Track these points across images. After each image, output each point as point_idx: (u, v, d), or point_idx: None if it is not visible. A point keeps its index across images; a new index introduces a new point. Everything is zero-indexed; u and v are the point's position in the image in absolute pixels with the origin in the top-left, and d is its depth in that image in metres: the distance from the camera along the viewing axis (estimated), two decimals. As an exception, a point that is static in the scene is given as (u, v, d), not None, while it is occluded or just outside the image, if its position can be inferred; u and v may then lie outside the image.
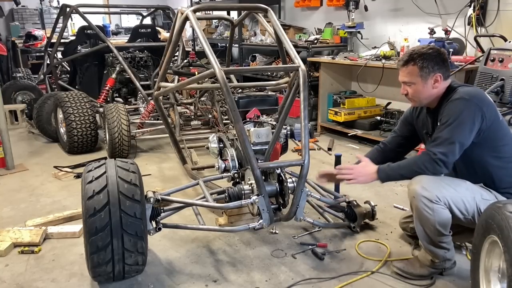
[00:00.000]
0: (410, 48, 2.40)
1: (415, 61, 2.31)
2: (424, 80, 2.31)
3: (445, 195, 2.22)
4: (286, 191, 2.53)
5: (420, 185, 2.25)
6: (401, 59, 2.40)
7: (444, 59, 2.33)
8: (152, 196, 2.45)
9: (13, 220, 3.24)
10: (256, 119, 2.90)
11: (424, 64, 2.29)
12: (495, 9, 4.20)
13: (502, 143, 2.30)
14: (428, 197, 2.22)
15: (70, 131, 4.55)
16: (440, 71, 2.31)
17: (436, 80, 2.31)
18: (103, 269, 2.21)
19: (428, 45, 2.40)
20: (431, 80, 2.31)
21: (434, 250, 2.33)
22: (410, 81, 2.35)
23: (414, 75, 2.32)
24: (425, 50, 2.31)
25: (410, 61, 2.33)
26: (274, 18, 2.88)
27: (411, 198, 2.33)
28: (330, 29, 5.81)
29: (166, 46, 3.62)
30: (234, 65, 7.17)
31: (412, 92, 2.37)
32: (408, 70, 2.34)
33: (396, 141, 2.71)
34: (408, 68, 2.34)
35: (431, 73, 2.30)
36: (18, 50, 8.50)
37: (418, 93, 2.36)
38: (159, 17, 9.67)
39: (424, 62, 2.29)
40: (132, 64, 5.52)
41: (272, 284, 2.42)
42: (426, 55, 2.30)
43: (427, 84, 2.32)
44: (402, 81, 2.40)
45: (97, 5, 7.35)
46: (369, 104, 5.37)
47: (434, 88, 2.33)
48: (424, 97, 2.36)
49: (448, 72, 2.35)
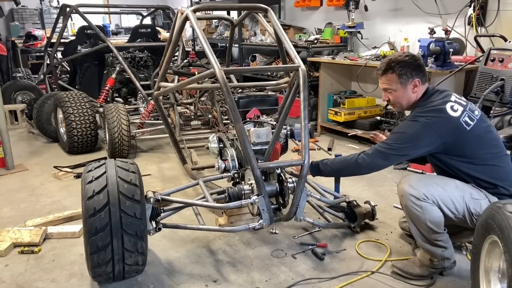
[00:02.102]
0: (386, 57, 2.53)
1: (394, 69, 2.41)
2: (404, 86, 2.41)
3: (432, 193, 2.26)
4: (286, 191, 2.53)
5: (408, 184, 2.31)
6: (380, 68, 2.50)
7: (420, 65, 2.44)
8: (152, 196, 2.45)
9: (13, 220, 3.24)
10: (256, 119, 2.90)
11: (402, 71, 2.39)
12: (495, 9, 4.20)
13: (475, 151, 2.32)
14: (415, 195, 2.26)
15: (70, 131, 4.55)
16: (417, 76, 2.40)
17: (415, 85, 2.41)
18: (103, 269, 2.21)
19: (403, 53, 2.53)
20: (410, 86, 2.41)
21: (431, 249, 2.34)
22: (390, 88, 2.46)
23: (394, 82, 2.43)
24: (401, 58, 2.41)
25: (388, 69, 2.43)
26: (274, 18, 2.88)
27: (400, 197, 2.38)
28: (330, 29, 5.80)
29: (166, 46, 3.62)
30: (234, 65, 7.17)
31: (393, 98, 2.49)
32: (388, 78, 2.45)
33: None
34: (387, 76, 2.45)
35: (409, 79, 2.39)
36: (18, 50, 8.50)
37: (399, 98, 2.46)
38: (159, 17, 9.67)
39: (402, 69, 2.39)
40: (132, 64, 5.52)
41: (272, 284, 2.42)
42: (403, 62, 2.40)
43: (407, 89, 2.42)
44: (383, 88, 2.51)
45: (97, 5, 7.36)
46: (369, 104, 5.37)
47: (414, 93, 2.43)
48: (405, 102, 2.47)
49: (425, 77, 2.46)
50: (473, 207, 2.26)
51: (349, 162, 2.49)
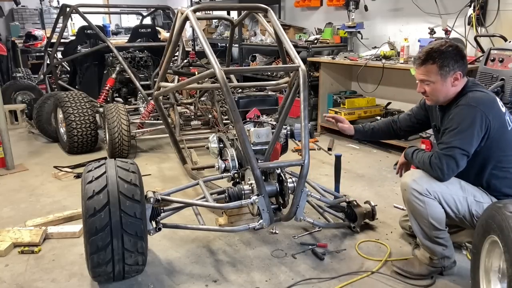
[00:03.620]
0: (427, 46, 2.32)
1: (435, 59, 2.24)
2: (444, 78, 2.25)
3: (435, 190, 2.24)
4: (286, 191, 2.53)
5: (411, 178, 2.29)
6: (418, 57, 2.32)
7: (463, 56, 2.28)
8: (152, 196, 2.45)
9: (13, 220, 3.24)
10: (256, 119, 2.90)
11: (444, 62, 2.23)
12: (495, 9, 4.20)
13: (505, 154, 2.28)
14: (418, 189, 2.25)
15: (70, 131, 4.55)
16: (460, 69, 2.25)
17: (456, 78, 2.26)
18: (103, 269, 2.21)
19: (446, 42, 2.33)
20: (450, 79, 2.25)
21: (431, 246, 2.34)
22: (428, 80, 2.29)
23: (433, 74, 2.26)
24: (444, 48, 2.25)
25: (429, 59, 2.26)
26: (274, 18, 2.88)
27: (402, 191, 2.37)
28: (330, 29, 5.80)
29: (166, 46, 3.62)
30: (234, 65, 7.17)
31: (430, 91, 2.32)
32: (427, 69, 2.27)
33: (408, 122, 2.75)
34: (427, 66, 2.27)
35: (451, 72, 2.24)
36: (18, 50, 8.50)
37: (436, 91, 2.30)
38: (159, 17, 9.65)
39: (444, 60, 2.23)
40: (132, 64, 5.52)
41: (272, 284, 2.42)
42: (446, 53, 2.23)
43: (447, 82, 2.26)
44: (420, 80, 2.34)
45: (97, 5, 7.35)
46: (369, 104, 5.37)
47: (453, 86, 2.28)
48: (442, 95, 2.32)
49: (466, 69, 2.30)
50: (475, 209, 2.25)
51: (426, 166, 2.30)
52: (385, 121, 2.90)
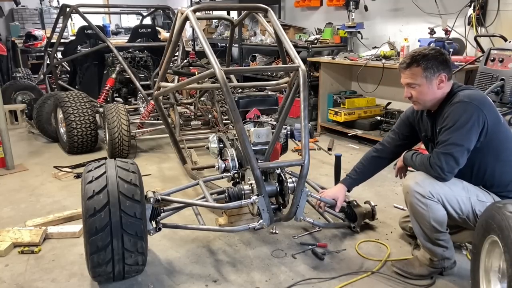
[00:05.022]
0: (411, 50, 2.37)
1: (419, 62, 2.27)
2: (429, 81, 2.28)
3: (438, 192, 2.23)
4: (286, 191, 2.53)
5: (414, 181, 2.28)
6: (403, 62, 2.35)
7: (446, 59, 2.31)
8: (152, 196, 2.45)
9: (13, 220, 3.24)
10: (256, 119, 2.90)
11: (428, 65, 2.26)
12: (495, 9, 4.20)
13: (504, 146, 2.29)
14: (421, 192, 2.24)
15: (70, 131, 4.55)
16: (444, 71, 2.28)
17: (441, 80, 2.28)
18: (103, 269, 2.21)
19: (428, 46, 2.38)
20: (436, 81, 2.28)
21: (432, 248, 2.34)
22: (414, 83, 2.31)
23: (419, 77, 2.29)
24: (427, 51, 2.29)
25: (413, 62, 2.29)
26: (274, 18, 2.88)
27: (405, 194, 2.35)
28: (330, 29, 5.81)
29: (166, 46, 3.62)
30: (234, 65, 7.17)
31: (416, 94, 2.33)
32: (412, 72, 2.30)
33: (396, 141, 2.68)
34: (411, 69, 2.30)
35: (435, 73, 2.27)
36: (18, 50, 8.50)
37: (423, 94, 2.31)
38: (159, 17, 9.66)
39: (428, 62, 2.26)
40: (132, 64, 5.52)
41: (272, 284, 2.42)
42: (429, 56, 2.27)
43: (432, 85, 2.28)
44: (406, 83, 2.36)
45: (97, 5, 7.35)
46: (369, 104, 5.37)
47: (439, 89, 2.30)
48: (429, 98, 2.32)
49: (451, 72, 2.33)
50: (478, 209, 2.24)
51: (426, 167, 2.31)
52: (369, 159, 2.77)
